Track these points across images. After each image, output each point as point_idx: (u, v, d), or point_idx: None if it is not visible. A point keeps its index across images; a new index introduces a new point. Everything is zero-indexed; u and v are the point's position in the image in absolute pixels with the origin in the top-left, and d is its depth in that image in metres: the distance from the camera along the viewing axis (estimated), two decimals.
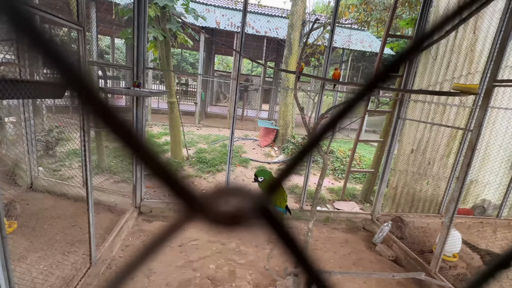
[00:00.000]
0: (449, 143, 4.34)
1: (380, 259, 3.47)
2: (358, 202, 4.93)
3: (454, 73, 4.07)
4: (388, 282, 3.01)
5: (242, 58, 3.69)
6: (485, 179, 4.60)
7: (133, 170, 3.68)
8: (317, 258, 3.16)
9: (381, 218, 4.20)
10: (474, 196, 4.74)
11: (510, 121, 4.22)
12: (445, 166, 4.41)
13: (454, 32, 3.88)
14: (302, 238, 3.55)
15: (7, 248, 1.52)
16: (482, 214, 4.68)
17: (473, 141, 2.56)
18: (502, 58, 2.47)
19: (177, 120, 5.65)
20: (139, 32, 3.12)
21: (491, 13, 3.84)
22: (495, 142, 4.37)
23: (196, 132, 9.02)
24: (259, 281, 2.79)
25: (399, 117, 3.85)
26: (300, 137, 8.33)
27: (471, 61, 4.06)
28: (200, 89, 10.42)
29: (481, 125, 2.52)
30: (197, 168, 5.75)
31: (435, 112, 4.21)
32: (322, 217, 4.22)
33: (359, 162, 7.34)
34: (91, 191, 2.38)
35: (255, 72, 21.58)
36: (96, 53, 7.83)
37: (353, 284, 2.91)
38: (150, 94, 3.18)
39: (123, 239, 3.21)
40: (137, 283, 2.58)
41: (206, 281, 2.71)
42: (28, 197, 3.69)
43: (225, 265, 2.98)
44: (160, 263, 2.88)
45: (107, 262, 2.77)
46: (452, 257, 3.37)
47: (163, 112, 11.53)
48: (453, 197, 2.74)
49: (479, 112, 2.56)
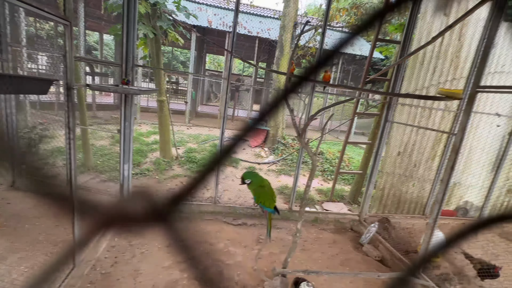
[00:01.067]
0: (434, 146, 4.45)
1: (367, 259, 3.52)
2: (346, 203, 5.00)
3: (440, 78, 4.18)
4: (374, 282, 3.06)
5: (233, 58, 3.68)
6: (468, 182, 4.75)
7: (120, 169, 3.61)
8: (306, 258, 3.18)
9: (369, 219, 4.27)
10: (458, 198, 4.88)
11: (492, 126, 4.38)
12: (430, 168, 4.53)
13: (441, 38, 3.99)
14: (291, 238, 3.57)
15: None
16: (465, 215, 4.83)
17: (457, 144, 2.64)
18: (485, 65, 2.56)
19: (166, 119, 5.58)
20: (129, 29, 3.06)
21: (476, 21, 3.97)
22: (478, 146, 4.52)
23: (186, 132, 8.93)
24: (246, 282, 2.78)
25: (387, 120, 3.93)
26: (290, 138, 8.38)
27: (456, 67, 4.19)
28: (191, 88, 10.33)
29: (464, 129, 2.60)
30: (186, 167, 5.70)
31: (421, 116, 4.32)
32: (311, 218, 4.26)
33: (348, 164, 7.44)
34: (75, 189, 2.32)
35: (246, 72, 21.57)
36: (84, 48, 7.65)
37: (340, 284, 2.95)
38: (139, 92, 3.13)
39: (108, 239, 3.14)
40: (123, 284, 2.53)
41: (194, 282, 2.68)
42: (9, 196, 3.56)
43: (213, 266, 2.96)
44: (147, 264, 2.84)
45: (91, 263, 2.70)
46: (435, 258, 3.46)
47: (152, 110, 11.36)
48: (437, 198, 2.81)
49: (463, 116, 2.64)
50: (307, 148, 2.18)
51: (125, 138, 3.43)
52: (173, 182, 4.92)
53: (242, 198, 4.51)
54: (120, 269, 2.70)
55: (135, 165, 5.35)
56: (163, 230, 0.16)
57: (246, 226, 3.97)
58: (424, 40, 3.82)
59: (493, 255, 3.92)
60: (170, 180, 5.00)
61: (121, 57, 3.15)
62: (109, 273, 2.63)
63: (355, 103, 4.71)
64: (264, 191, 2.07)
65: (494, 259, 3.80)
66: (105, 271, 2.64)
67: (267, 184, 2.12)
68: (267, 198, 2.08)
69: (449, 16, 3.94)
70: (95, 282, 2.51)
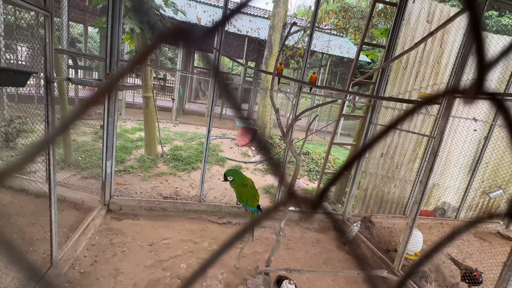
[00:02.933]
0: (416, 148, 4.60)
1: (349, 258, 3.60)
2: (331, 203, 5.08)
3: (422, 83, 4.33)
4: (355, 280, 3.13)
5: (221, 56, 3.66)
6: (446, 183, 4.94)
7: (103, 166, 3.52)
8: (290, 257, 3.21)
9: (352, 219, 4.36)
10: (436, 198, 5.07)
11: (469, 130, 4.57)
12: (411, 170, 4.68)
13: (423, 44, 4.13)
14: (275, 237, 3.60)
15: None
16: (443, 215, 5.03)
17: (436, 147, 2.74)
18: (463, 71, 2.67)
19: (152, 116, 5.49)
20: (114, 22, 2.99)
21: (456, 29, 4.13)
22: (456, 149, 4.71)
23: (173, 129, 8.81)
24: (230, 281, 2.78)
25: (371, 122, 4.03)
26: (277, 137, 8.43)
27: (437, 73, 4.35)
28: (179, 85, 10.19)
29: (443, 133, 2.71)
30: (172, 165, 5.62)
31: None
32: (295, 217, 4.30)
33: (333, 164, 7.57)
34: (54, 187, 2.24)
35: (235, 71, 21.50)
36: (67, 41, 7.38)
37: (321, 282, 3.00)
38: (123, 88, 3.06)
39: (89, 237, 3.06)
40: (103, 284, 2.47)
41: (176, 281, 2.66)
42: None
43: (196, 265, 2.94)
44: (128, 262, 2.79)
45: (70, 262, 2.62)
46: (414, 256, 3.59)
47: (138, 106, 11.13)
48: (416, 199, 2.91)
49: (441, 120, 2.75)
50: (292, 148, 2.20)
51: (108, 134, 3.35)
52: (157, 180, 4.85)
53: (228, 197, 4.51)
54: (100, 268, 2.63)
55: (119, 162, 5.22)
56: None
57: (231, 225, 3.97)
58: (408, 45, 3.93)
59: (468, 253, 4.10)
60: (154, 177, 4.92)
61: (106, 51, 3.07)
62: (89, 272, 2.56)
63: (341, 105, 4.80)
64: (246, 190, 2.07)
65: (468, 257, 3.98)
66: (84, 270, 2.57)
67: (250, 183, 2.13)
68: (249, 197, 2.09)
69: (431, 23, 4.07)
70: (73, 282, 2.44)
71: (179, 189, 4.62)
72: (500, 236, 4.89)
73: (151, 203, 3.85)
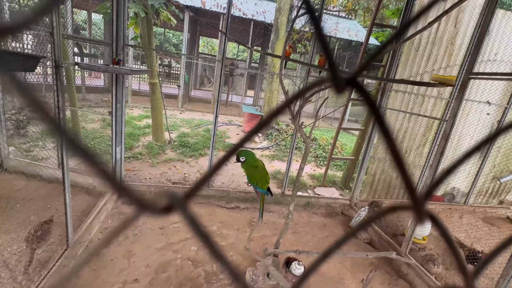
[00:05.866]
0: (426, 133, 4.52)
1: (356, 241, 3.64)
2: (338, 189, 5.09)
3: (434, 65, 4.19)
4: (362, 263, 3.17)
5: (227, 41, 3.59)
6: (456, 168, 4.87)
7: (112, 152, 3.57)
8: (297, 240, 3.26)
9: (359, 204, 4.37)
10: (445, 184, 5.02)
11: (482, 113, 4.45)
12: (421, 155, 4.62)
13: (437, 24, 3.97)
14: (283, 221, 3.64)
15: None
16: (451, 201, 4.99)
17: (447, 131, 2.68)
18: (479, 51, 2.57)
19: (159, 102, 5.49)
20: (119, 6, 2.94)
21: (472, 8, 3.95)
22: (467, 133, 4.61)
23: (179, 116, 8.82)
24: (239, 262, 2.85)
25: (381, 106, 3.95)
26: (284, 124, 8.37)
27: (451, 54, 4.19)
28: (184, 71, 10.11)
29: (455, 116, 2.64)
30: (180, 152, 5.67)
31: (414, 103, 4.36)
32: (303, 202, 4.33)
33: (341, 150, 7.52)
34: (67, 171, 2.29)
35: (240, 57, 21.19)
36: (71, 27, 7.34)
37: (329, 265, 3.05)
38: (130, 72, 3.05)
39: (101, 221, 3.15)
40: (116, 264, 2.56)
41: (187, 262, 2.73)
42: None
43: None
44: (140, 245, 2.87)
45: (84, 244, 2.72)
46: (421, 240, 3.60)
47: (144, 94, 11.14)
48: (425, 183, 2.88)
49: (455, 103, 2.67)
50: (301, 131, 2.18)
51: (117, 120, 3.37)
52: (166, 166, 4.90)
53: (235, 183, 4.55)
54: (113, 250, 2.72)
55: (127, 148, 5.29)
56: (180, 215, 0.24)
57: (238, 209, 4.03)
58: (420, 26, 3.78)
59: (476, 238, 4.09)
60: (163, 164, 4.98)
61: (111, 36, 3.04)
62: (103, 253, 2.65)
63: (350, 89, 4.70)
64: (257, 172, 2.08)
65: (476, 242, 3.97)
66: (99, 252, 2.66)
67: (261, 165, 2.13)
68: (259, 179, 2.10)
69: (446, 0, 3.89)
70: (89, 263, 2.53)
71: (187, 175, 4.67)
72: (509, 221, 4.85)
73: (160, 188, 3.91)
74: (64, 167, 2.31)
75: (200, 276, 2.60)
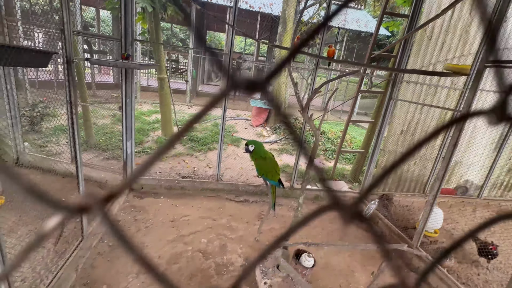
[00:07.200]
0: (438, 124, 4.41)
1: (366, 234, 3.61)
2: (347, 182, 5.05)
3: (448, 55, 4.06)
4: (371, 256, 3.16)
5: (234, 35, 3.57)
6: (470, 161, 4.75)
7: (123, 146, 3.63)
8: (306, 233, 3.26)
9: (369, 197, 4.33)
10: (458, 177, 4.92)
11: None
12: (433, 147, 4.52)
13: (451, 12, 3.83)
14: (292, 214, 3.64)
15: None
16: (464, 194, 4.89)
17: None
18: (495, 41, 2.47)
19: (167, 97, 5.53)
20: (127, 0, 2.95)
21: None
22: (482, 125, 4.48)
23: (187, 111, 8.88)
24: (249, 254, 2.88)
25: (391, 97, 3.87)
26: (292, 117, 8.32)
27: (465, 43, 4.05)
28: (191, 66, 10.12)
29: (470, 106, 2.56)
30: (189, 146, 5.72)
31: (426, 94, 4.25)
32: (312, 196, 4.32)
33: (350, 144, 7.44)
34: (81, 165, 2.34)
35: (247, 51, 21.06)
36: (80, 25, 7.42)
37: (338, 257, 3.05)
38: (139, 67, 3.07)
39: (114, 214, 3.22)
40: (129, 256, 2.62)
41: (198, 254, 2.78)
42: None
43: (216, 240, 3.05)
44: (152, 237, 2.93)
45: (99, 236, 2.79)
46: (433, 233, 3.55)
47: (153, 89, 11.23)
48: (438, 176, 2.83)
49: (469, 93, 2.59)
50: (311, 122, 2.16)
51: (127, 115, 3.41)
52: (175, 160, 4.96)
53: (244, 176, 4.56)
54: None
55: (137, 143, 5.37)
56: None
57: (248, 203, 4.05)
58: (433, 14, 3.67)
59: (489, 231, 4.01)
60: (172, 158, 5.04)
61: (119, 31, 3.06)
62: (116, 245, 2.72)
63: (359, 81, 4.62)
64: (265, 163, 2.07)
65: (490, 235, 3.89)
66: (112, 243, 2.73)
67: (270, 156, 2.12)
68: (269, 170, 2.09)
69: None
70: (103, 254, 2.61)
71: (196, 169, 4.72)
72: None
73: (170, 182, 3.97)
74: (77, 162, 2.37)
75: (211, 268, 2.64)
